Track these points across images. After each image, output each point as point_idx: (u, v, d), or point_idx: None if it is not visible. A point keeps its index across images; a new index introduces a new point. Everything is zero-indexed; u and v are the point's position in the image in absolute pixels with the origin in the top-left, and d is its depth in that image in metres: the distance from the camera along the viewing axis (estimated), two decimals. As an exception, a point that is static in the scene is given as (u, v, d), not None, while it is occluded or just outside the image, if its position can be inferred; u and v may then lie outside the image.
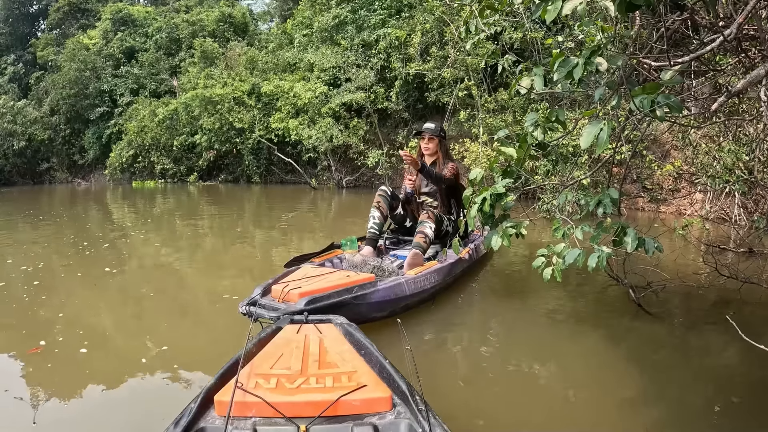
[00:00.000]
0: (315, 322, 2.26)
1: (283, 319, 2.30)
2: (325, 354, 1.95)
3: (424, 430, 1.49)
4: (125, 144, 19.69)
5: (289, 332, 2.14)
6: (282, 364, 1.86)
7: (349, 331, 2.15)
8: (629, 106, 1.81)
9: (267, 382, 1.71)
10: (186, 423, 1.51)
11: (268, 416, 1.58)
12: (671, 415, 2.19)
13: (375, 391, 1.66)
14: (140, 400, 2.38)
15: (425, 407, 1.56)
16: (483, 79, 11.09)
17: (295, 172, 16.01)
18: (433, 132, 4.13)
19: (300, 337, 2.08)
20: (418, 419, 1.54)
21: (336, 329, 2.19)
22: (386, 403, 1.63)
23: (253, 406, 1.59)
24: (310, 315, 2.33)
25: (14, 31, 26.72)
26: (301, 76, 15.82)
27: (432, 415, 1.54)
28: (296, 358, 1.89)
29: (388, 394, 1.66)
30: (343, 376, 1.76)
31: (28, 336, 3.15)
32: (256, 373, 1.77)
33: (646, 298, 3.49)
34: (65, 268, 4.92)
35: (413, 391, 1.66)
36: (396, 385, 1.71)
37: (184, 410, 1.58)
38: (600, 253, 1.97)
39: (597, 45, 1.81)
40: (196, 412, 1.57)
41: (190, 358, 2.80)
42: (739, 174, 5.61)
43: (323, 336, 2.11)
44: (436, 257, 3.93)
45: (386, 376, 1.77)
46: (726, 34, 1.65)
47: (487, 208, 2.08)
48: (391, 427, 1.57)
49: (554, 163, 3.99)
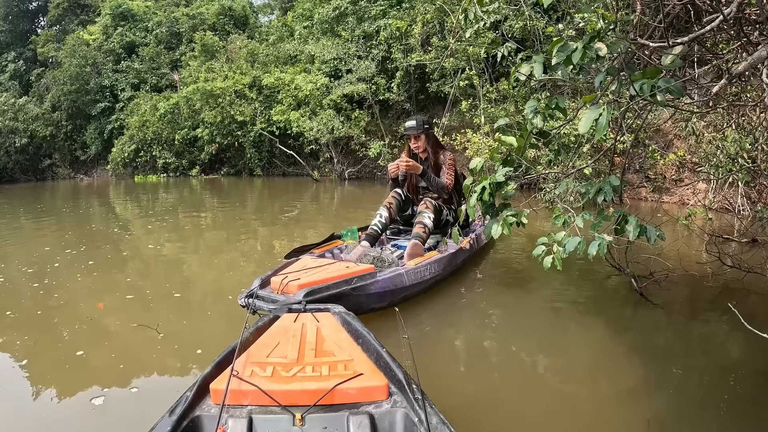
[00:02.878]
0: (313, 310, 2.25)
1: (281, 309, 2.29)
2: (322, 342, 1.94)
3: (420, 419, 1.48)
4: (127, 139, 19.71)
5: (286, 321, 2.14)
6: (278, 352, 1.85)
7: (346, 319, 2.14)
8: (629, 93, 1.78)
9: (263, 370, 1.71)
10: (181, 411, 1.51)
11: (263, 404, 1.58)
12: (673, 405, 2.18)
13: (371, 380, 1.65)
14: (141, 391, 2.37)
15: (422, 396, 1.55)
16: (485, 69, 11.03)
17: (297, 165, 16.01)
18: (417, 129, 4.03)
19: (297, 326, 2.07)
20: (415, 408, 1.54)
21: (333, 318, 2.18)
22: (383, 392, 1.62)
23: (248, 394, 1.59)
24: (309, 304, 2.32)
25: (14, 29, 26.67)
26: (302, 68, 15.79)
27: (428, 404, 1.53)
28: (293, 347, 1.88)
29: (384, 382, 1.65)
30: (340, 364, 1.75)
31: (26, 328, 3.17)
32: (252, 362, 1.76)
33: (648, 287, 3.47)
34: (69, 260, 4.92)
35: (410, 380, 1.65)
36: (393, 374, 1.70)
37: (180, 398, 1.58)
38: (601, 240, 1.95)
39: (597, 31, 1.78)
40: (191, 401, 1.57)
41: (191, 349, 2.81)
42: (742, 163, 5.57)
43: (320, 325, 2.10)
44: (437, 247, 3.91)
45: (383, 365, 1.76)
46: (726, 13, 1.62)
47: (487, 197, 2.06)
48: (387, 416, 1.56)
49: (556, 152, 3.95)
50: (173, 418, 1.48)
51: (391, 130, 13.85)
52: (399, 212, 4.11)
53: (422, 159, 4.12)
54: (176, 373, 2.57)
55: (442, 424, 1.47)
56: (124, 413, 2.18)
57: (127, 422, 2.10)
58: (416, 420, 1.51)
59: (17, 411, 2.24)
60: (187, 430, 1.50)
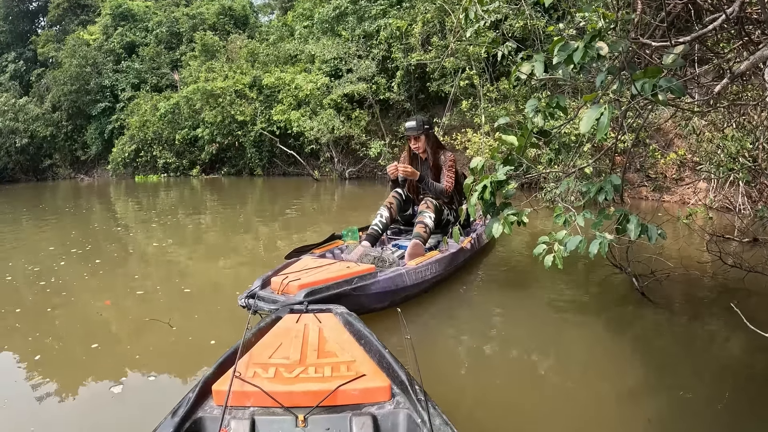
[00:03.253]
0: (314, 311, 2.25)
1: (283, 309, 2.29)
2: (324, 343, 1.94)
3: (423, 420, 1.48)
4: (127, 139, 19.71)
5: (288, 322, 2.13)
6: (281, 353, 1.85)
7: (348, 320, 2.14)
8: (631, 92, 1.78)
9: (265, 371, 1.71)
10: (184, 413, 1.51)
11: (266, 406, 1.58)
12: (674, 404, 2.18)
13: (374, 381, 1.65)
14: (159, 378, 2.42)
15: (424, 397, 1.55)
16: (485, 69, 11.02)
17: (298, 164, 16.00)
18: (417, 130, 4.02)
19: (299, 327, 2.07)
20: (417, 409, 1.53)
21: (335, 319, 2.18)
22: (385, 393, 1.62)
23: (251, 395, 1.59)
24: (310, 304, 2.32)
25: (14, 29, 26.64)
26: (303, 67, 15.78)
27: (431, 405, 1.53)
28: (295, 348, 1.88)
29: (387, 383, 1.64)
30: (342, 365, 1.75)
31: (37, 324, 3.20)
32: (254, 363, 1.76)
33: (649, 286, 3.47)
34: (75, 259, 4.92)
35: (412, 381, 1.64)
36: (395, 375, 1.70)
37: (182, 400, 1.57)
38: (602, 239, 1.95)
39: (598, 30, 1.78)
40: (193, 402, 1.56)
41: (205, 340, 2.84)
42: (743, 162, 5.56)
43: (322, 325, 2.10)
44: (438, 247, 3.91)
45: (385, 366, 1.76)
46: (729, 12, 1.62)
47: (488, 195, 2.06)
48: (390, 417, 1.56)
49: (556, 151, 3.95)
50: (176, 420, 1.48)
51: (391, 130, 13.84)
52: (400, 212, 4.11)
53: (422, 159, 4.11)
54: (191, 360, 2.62)
55: (445, 425, 1.46)
56: (143, 399, 2.26)
57: (146, 408, 2.17)
58: (419, 421, 1.50)
59: (39, 399, 2.29)
60: (190, 431, 1.50)
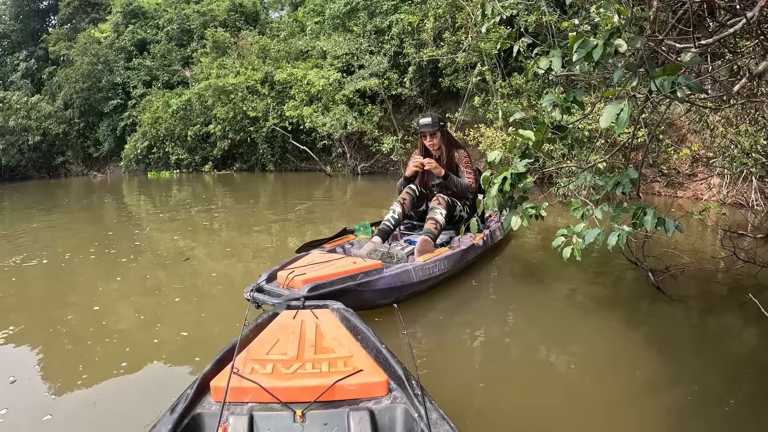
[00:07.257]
0: (312, 307, 2.26)
1: (281, 305, 2.30)
2: (322, 339, 1.95)
3: (420, 415, 1.49)
4: (139, 135, 19.80)
5: (285, 318, 2.14)
6: (278, 349, 1.86)
7: (345, 316, 2.15)
8: (648, 88, 1.81)
9: (263, 367, 1.73)
10: (182, 409, 1.52)
11: (264, 401, 1.59)
12: (689, 398, 2.20)
13: (371, 376, 1.66)
14: (150, 388, 2.42)
15: (421, 392, 1.56)
16: (497, 64, 11.00)
17: (310, 160, 16.05)
18: (432, 127, 3.98)
19: (296, 323, 2.08)
20: (414, 404, 1.55)
21: (333, 315, 2.19)
22: (382, 388, 1.64)
23: (249, 391, 1.61)
24: (307, 300, 2.33)
25: (25, 28, 26.78)
26: (314, 63, 15.78)
27: (428, 400, 1.55)
28: (292, 344, 1.89)
29: (384, 378, 1.66)
30: (339, 361, 1.76)
31: (41, 322, 3.29)
32: (252, 359, 1.78)
33: (664, 281, 3.49)
34: (84, 254, 5.01)
35: (409, 376, 1.65)
36: (392, 370, 1.71)
37: (180, 396, 1.59)
38: (620, 231, 1.99)
39: (616, 27, 1.81)
40: (192, 398, 1.58)
41: (204, 346, 2.84)
42: (757, 157, 5.54)
43: (320, 321, 2.11)
44: (449, 243, 3.92)
45: (382, 361, 1.77)
46: (749, 17, 1.64)
47: (508, 187, 2.09)
48: (387, 412, 1.57)
49: (570, 147, 3.97)
50: (174, 416, 1.49)
51: (403, 125, 13.85)
52: (413, 208, 4.11)
53: (436, 157, 4.13)
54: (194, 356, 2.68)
55: (441, 419, 1.48)
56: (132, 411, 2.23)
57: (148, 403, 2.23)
58: (416, 415, 1.52)
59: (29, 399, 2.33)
60: (188, 427, 1.51)
